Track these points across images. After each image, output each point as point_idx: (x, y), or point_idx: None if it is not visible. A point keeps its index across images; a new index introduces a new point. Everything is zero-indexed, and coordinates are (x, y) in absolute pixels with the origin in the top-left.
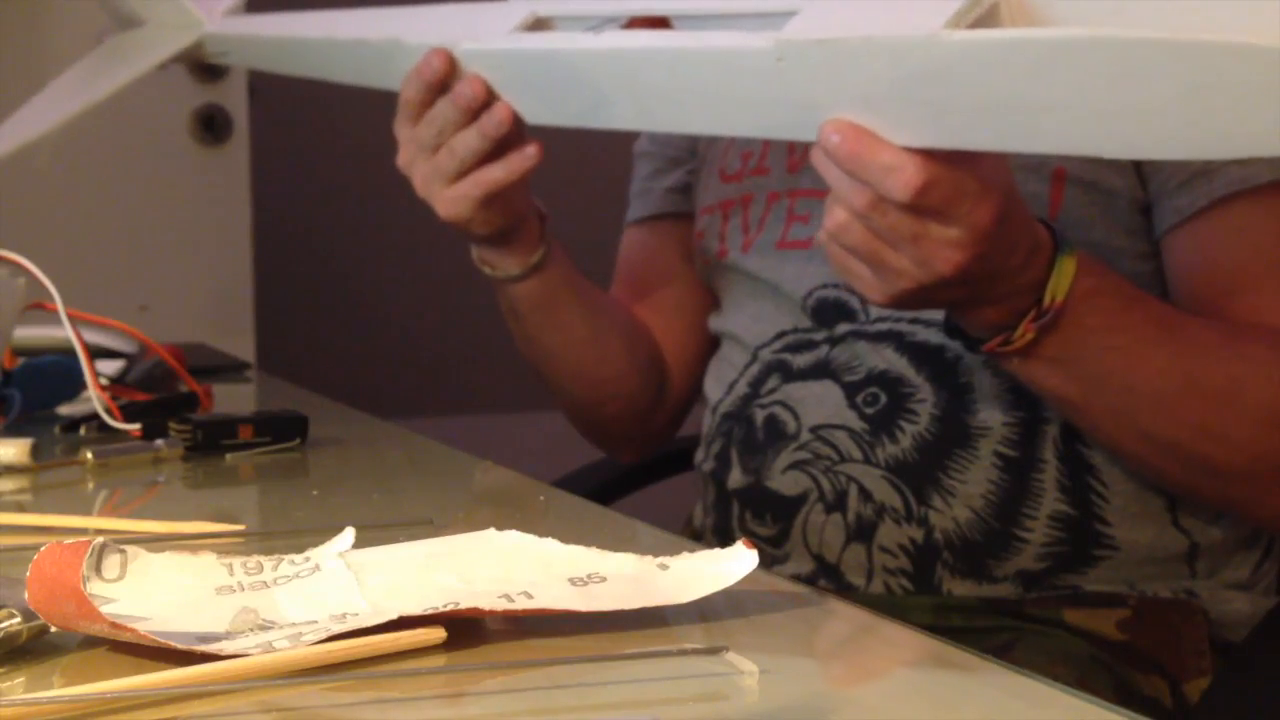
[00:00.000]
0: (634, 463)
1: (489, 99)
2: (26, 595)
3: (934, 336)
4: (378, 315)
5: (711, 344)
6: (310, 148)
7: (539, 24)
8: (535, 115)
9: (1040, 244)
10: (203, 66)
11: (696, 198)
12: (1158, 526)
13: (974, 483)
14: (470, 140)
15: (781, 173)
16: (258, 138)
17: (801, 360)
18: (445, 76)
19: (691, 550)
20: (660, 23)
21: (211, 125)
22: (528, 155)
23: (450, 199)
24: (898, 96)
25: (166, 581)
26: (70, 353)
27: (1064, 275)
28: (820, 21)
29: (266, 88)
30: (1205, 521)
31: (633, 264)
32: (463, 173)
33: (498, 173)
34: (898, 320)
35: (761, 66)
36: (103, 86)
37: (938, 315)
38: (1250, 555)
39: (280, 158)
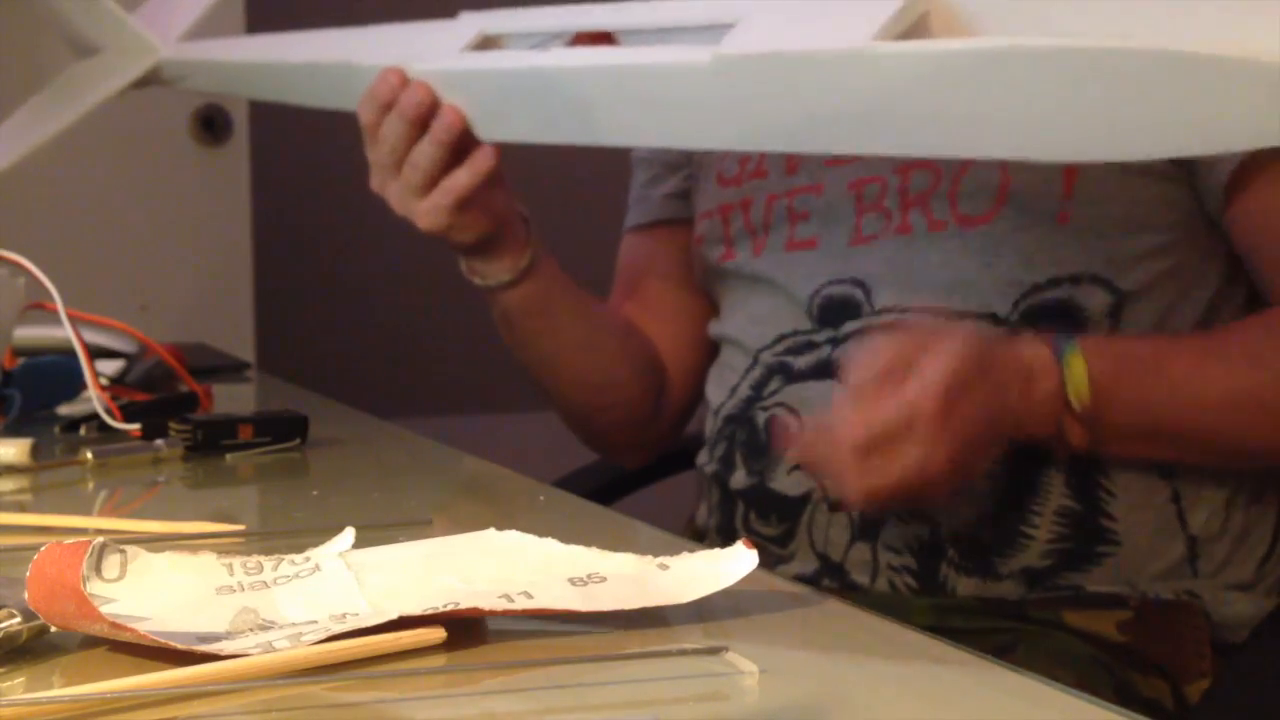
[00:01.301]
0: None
1: (436, 106)
2: (26, 595)
3: None
4: (378, 315)
5: (712, 350)
6: (310, 148)
7: (487, 42)
8: (488, 133)
9: (1032, 369)
10: None
11: (695, 203)
12: (1161, 521)
13: (981, 479)
14: (427, 150)
15: (780, 175)
16: (258, 138)
17: (803, 362)
18: (399, 95)
19: (691, 550)
20: (605, 38)
21: (211, 125)
22: (487, 154)
23: (425, 211)
24: (834, 108)
25: (166, 581)
26: (70, 353)
27: (1077, 376)
28: (757, 35)
29: None
30: (1208, 517)
31: (632, 271)
32: (429, 184)
33: (463, 178)
34: (904, 312)
35: (701, 81)
36: (63, 117)
37: (946, 308)
38: (1253, 554)
39: (280, 158)
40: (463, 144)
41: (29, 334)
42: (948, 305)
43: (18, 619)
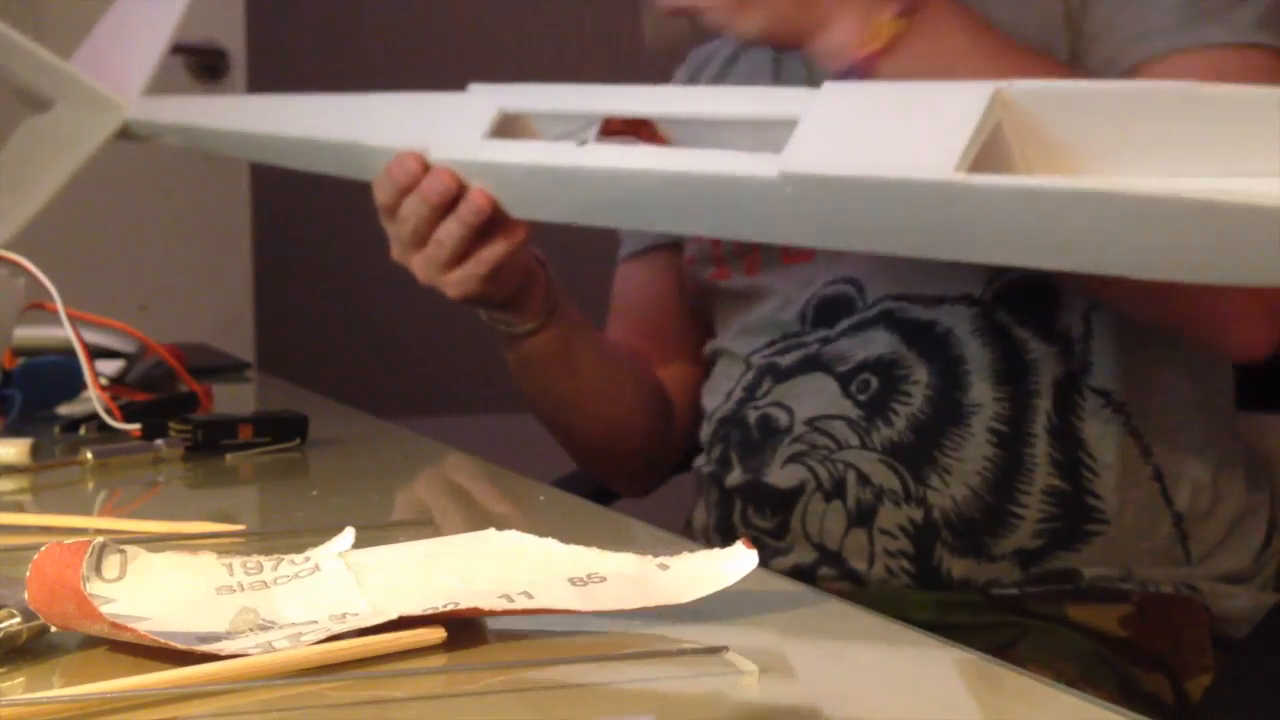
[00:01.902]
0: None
1: (461, 190)
2: (26, 595)
3: (922, 313)
4: (378, 315)
5: (710, 369)
6: None
7: (509, 122)
8: (519, 213)
9: None
10: (203, 66)
11: None
12: (1146, 496)
13: (969, 460)
14: (454, 230)
15: None
16: None
17: (788, 359)
18: (419, 180)
19: (691, 550)
20: (641, 123)
21: None
22: (521, 223)
23: (457, 282)
24: (908, 225)
25: (166, 581)
26: (70, 353)
27: None
28: (822, 145)
29: (267, 88)
30: (1192, 495)
31: (630, 298)
32: (458, 259)
33: (498, 248)
34: (885, 301)
35: (767, 191)
36: (45, 185)
37: (926, 292)
38: (1248, 543)
39: None
40: (492, 220)
41: (29, 334)
42: (929, 290)
43: (18, 619)
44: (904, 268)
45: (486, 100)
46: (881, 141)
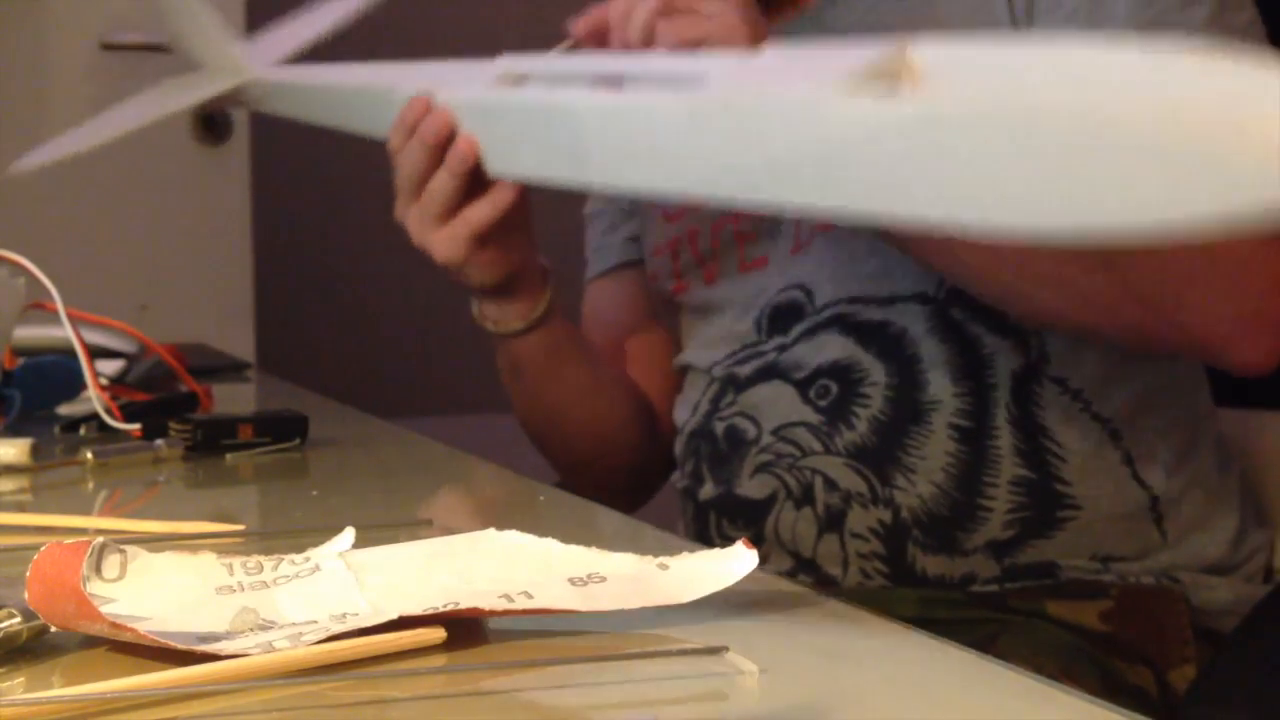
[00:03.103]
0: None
1: (453, 135)
2: (26, 595)
3: (875, 314)
4: (378, 315)
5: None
6: (310, 148)
7: (509, 78)
8: (495, 168)
9: None
10: None
11: (645, 244)
12: (1116, 480)
13: (933, 457)
14: (444, 179)
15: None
16: (258, 138)
17: (747, 369)
18: (421, 121)
19: (691, 550)
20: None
21: (211, 125)
22: (508, 189)
23: (442, 240)
24: (800, 161)
25: (166, 581)
26: (70, 353)
27: None
28: (733, 79)
29: None
30: (1166, 475)
31: (601, 317)
32: (446, 214)
33: (484, 210)
34: (838, 303)
35: (676, 124)
36: (144, 115)
37: (878, 293)
38: (1225, 524)
39: (280, 158)
40: (481, 178)
41: (29, 334)
42: (881, 291)
43: (18, 619)
44: (854, 271)
45: (503, 63)
46: (782, 78)
